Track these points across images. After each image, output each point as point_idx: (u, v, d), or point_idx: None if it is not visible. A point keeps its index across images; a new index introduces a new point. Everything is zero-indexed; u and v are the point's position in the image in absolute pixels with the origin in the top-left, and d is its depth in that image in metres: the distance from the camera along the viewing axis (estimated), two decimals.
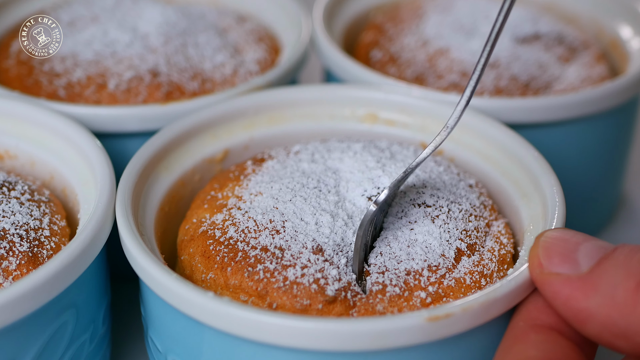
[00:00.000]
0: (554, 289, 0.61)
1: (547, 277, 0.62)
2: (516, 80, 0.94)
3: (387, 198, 0.69)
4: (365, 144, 0.79)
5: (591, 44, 1.02)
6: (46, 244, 0.71)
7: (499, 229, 0.74)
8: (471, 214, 0.73)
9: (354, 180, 0.74)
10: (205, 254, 0.70)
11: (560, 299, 0.60)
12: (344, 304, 0.66)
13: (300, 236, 0.69)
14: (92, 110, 0.83)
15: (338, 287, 0.66)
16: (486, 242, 0.73)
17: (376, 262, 0.69)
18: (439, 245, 0.70)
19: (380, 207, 0.69)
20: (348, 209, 0.72)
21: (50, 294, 0.64)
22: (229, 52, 0.96)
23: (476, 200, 0.75)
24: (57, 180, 0.80)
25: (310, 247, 0.68)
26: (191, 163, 0.81)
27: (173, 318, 0.67)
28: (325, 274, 0.66)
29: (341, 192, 0.73)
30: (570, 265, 0.61)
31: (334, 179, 0.74)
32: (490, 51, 0.68)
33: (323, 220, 0.70)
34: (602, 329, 0.59)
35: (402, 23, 1.04)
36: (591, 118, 0.89)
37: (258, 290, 0.67)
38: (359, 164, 0.76)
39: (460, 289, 0.68)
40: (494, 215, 0.75)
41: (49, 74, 0.90)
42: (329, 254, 0.68)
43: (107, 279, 0.75)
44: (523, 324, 0.62)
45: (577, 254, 0.62)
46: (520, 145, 0.78)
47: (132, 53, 0.92)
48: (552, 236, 0.64)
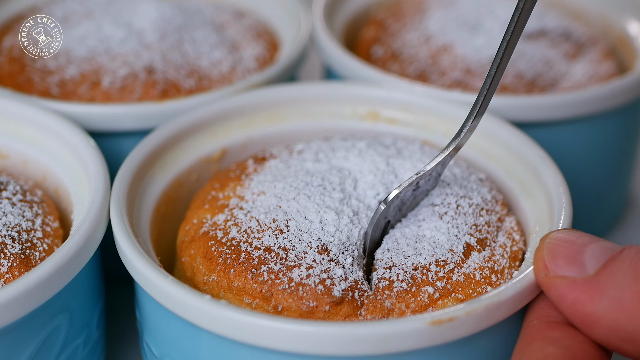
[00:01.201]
0: (559, 293, 0.61)
1: (553, 280, 0.61)
2: (521, 78, 0.94)
3: (399, 198, 0.70)
4: (370, 141, 0.79)
5: (599, 40, 1.01)
6: (38, 245, 0.71)
7: (512, 225, 0.74)
8: (482, 208, 0.73)
9: (362, 179, 0.75)
10: (207, 256, 0.70)
11: (566, 303, 0.60)
12: (352, 304, 0.66)
13: (304, 235, 0.69)
14: (85, 109, 0.83)
15: (345, 287, 0.66)
16: (498, 238, 0.72)
17: (383, 257, 0.69)
18: (447, 240, 0.70)
19: (391, 206, 0.69)
20: (353, 206, 0.72)
21: (42, 297, 0.64)
22: (227, 49, 0.96)
23: (487, 194, 0.75)
24: (50, 180, 0.80)
25: (315, 247, 0.68)
26: (188, 162, 0.81)
27: (169, 322, 0.67)
28: (331, 274, 0.66)
29: (346, 189, 0.74)
30: (576, 268, 0.61)
31: (339, 176, 0.74)
32: (504, 52, 0.68)
33: (328, 218, 0.70)
34: (610, 333, 0.58)
35: (404, 18, 1.04)
36: (599, 116, 0.89)
37: (262, 292, 0.66)
38: (368, 164, 0.75)
39: (469, 285, 0.68)
40: (505, 210, 0.75)
41: (41, 71, 0.90)
42: (335, 254, 0.68)
43: (101, 281, 0.75)
44: (538, 322, 0.62)
45: (583, 255, 0.61)
46: (526, 145, 0.78)
47: (126, 49, 0.92)
48: (558, 238, 0.64)
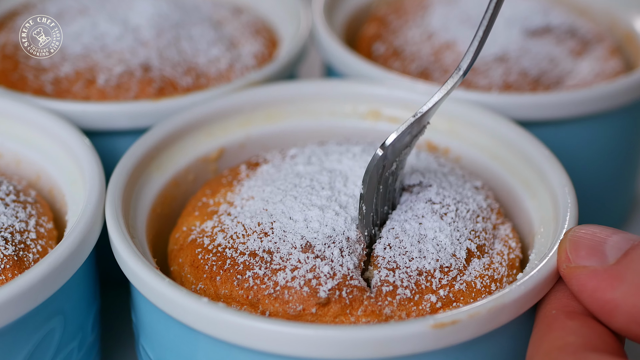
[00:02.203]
0: (580, 282, 0.62)
1: (574, 270, 0.63)
2: (526, 75, 0.94)
3: (395, 148, 0.69)
4: (365, 146, 0.79)
5: (605, 37, 1.01)
6: (32, 247, 0.71)
7: (507, 232, 0.74)
8: (478, 215, 0.73)
9: (353, 175, 0.74)
10: (194, 264, 0.70)
11: (587, 291, 0.62)
12: (339, 303, 0.65)
13: (289, 236, 0.69)
14: (80, 107, 0.83)
15: (332, 285, 0.66)
16: (495, 245, 0.72)
17: (385, 255, 0.69)
18: (450, 243, 0.70)
19: (388, 156, 0.68)
20: (342, 201, 0.72)
21: (36, 300, 0.64)
22: (225, 46, 0.96)
23: (483, 202, 0.75)
24: (44, 180, 0.80)
25: (299, 246, 0.68)
26: (185, 162, 0.81)
27: (166, 325, 0.67)
28: (317, 272, 0.66)
29: (335, 187, 0.73)
30: (598, 258, 0.63)
31: (329, 176, 0.74)
32: None
33: (312, 215, 0.70)
34: (629, 320, 0.60)
35: (407, 15, 1.04)
36: (605, 115, 0.89)
37: (249, 298, 0.66)
38: (360, 163, 0.75)
39: (470, 294, 0.68)
40: (500, 219, 0.75)
41: (35, 69, 0.90)
42: (320, 249, 0.67)
43: (96, 284, 0.75)
44: (556, 312, 0.63)
45: (605, 246, 0.63)
46: (530, 144, 0.78)
47: (122, 47, 0.92)
48: (580, 231, 0.66)
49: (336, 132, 0.86)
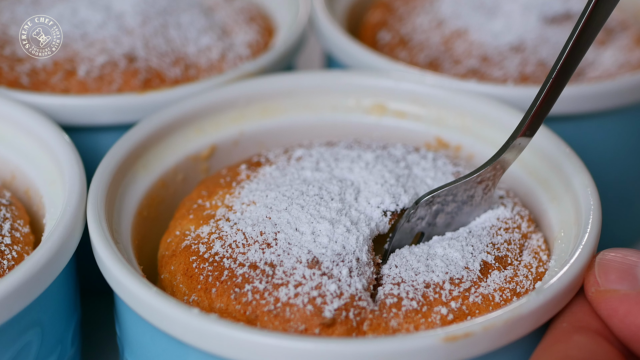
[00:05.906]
0: (611, 306, 0.64)
1: (604, 294, 0.65)
2: (544, 66, 0.94)
3: (432, 209, 0.71)
4: (379, 153, 0.78)
5: (630, 24, 1.02)
6: (7, 253, 0.71)
7: (539, 243, 0.74)
8: (500, 227, 0.73)
9: (365, 190, 0.74)
10: (188, 273, 0.70)
11: (618, 316, 0.63)
12: (346, 325, 0.65)
13: (294, 249, 0.68)
14: (59, 100, 0.83)
15: (338, 305, 0.65)
16: (523, 257, 0.72)
17: (390, 272, 0.69)
18: (461, 257, 0.70)
19: (421, 211, 0.72)
20: (353, 217, 0.71)
21: (11, 311, 0.64)
22: (216, 34, 0.96)
23: (508, 212, 0.75)
24: (20, 180, 0.80)
25: (305, 261, 0.67)
26: (173, 161, 0.81)
27: (153, 338, 0.66)
28: (323, 290, 0.66)
29: (346, 199, 0.73)
30: (629, 282, 0.65)
31: (339, 186, 0.74)
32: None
33: (321, 229, 0.70)
34: None
35: (414, 0, 1.04)
36: (630, 109, 0.89)
37: (246, 314, 0.66)
38: (375, 177, 0.75)
39: (487, 307, 0.67)
40: (532, 226, 0.75)
41: (10, 59, 0.90)
42: (327, 266, 0.67)
43: (76, 293, 0.75)
44: (567, 325, 0.64)
45: (636, 269, 0.65)
46: (550, 141, 0.78)
47: (105, 35, 0.92)
48: (609, 254, 0.67)
49: (338, 128, 0.86)
